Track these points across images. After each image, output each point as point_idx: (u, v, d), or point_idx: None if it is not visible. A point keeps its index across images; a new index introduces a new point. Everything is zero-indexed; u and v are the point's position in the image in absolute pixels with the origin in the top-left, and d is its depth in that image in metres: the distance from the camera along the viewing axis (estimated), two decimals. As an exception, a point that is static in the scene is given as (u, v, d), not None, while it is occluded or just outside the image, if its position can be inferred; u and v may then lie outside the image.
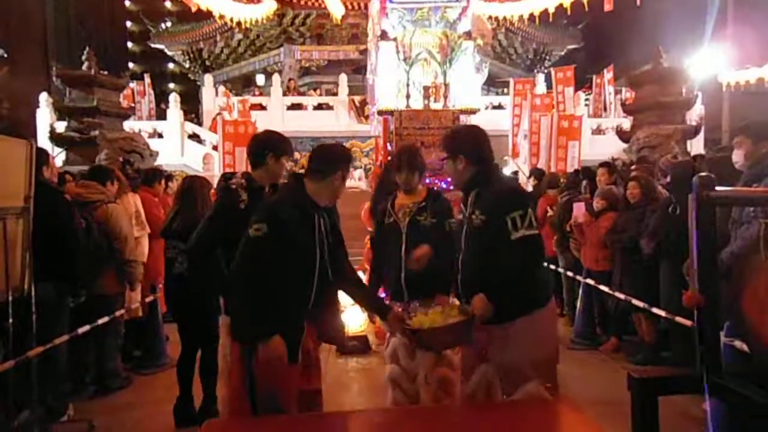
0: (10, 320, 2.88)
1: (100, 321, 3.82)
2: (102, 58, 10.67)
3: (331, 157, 2.31)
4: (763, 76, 12.73)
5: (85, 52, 10.09)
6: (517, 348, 2.14)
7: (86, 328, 3.66)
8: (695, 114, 12.26)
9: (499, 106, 15.28)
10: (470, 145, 2.35)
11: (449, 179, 5.40)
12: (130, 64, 29.18)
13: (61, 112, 10.63)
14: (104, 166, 4.99)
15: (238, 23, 11.07)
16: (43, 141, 10.12)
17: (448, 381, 2.67)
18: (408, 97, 6.24)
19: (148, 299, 4.61)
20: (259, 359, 2.06)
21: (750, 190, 2.58)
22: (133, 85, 16.54)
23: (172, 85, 27.99)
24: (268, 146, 2.60)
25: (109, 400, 3.99)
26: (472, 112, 6.55)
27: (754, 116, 3.28)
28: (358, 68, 17.90)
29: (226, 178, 2.71)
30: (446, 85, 6.27)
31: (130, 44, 31.00)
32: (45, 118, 13.62)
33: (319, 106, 16.14)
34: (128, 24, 30.40)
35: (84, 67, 9.99)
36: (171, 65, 28.57)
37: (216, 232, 2.53)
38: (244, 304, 2.14)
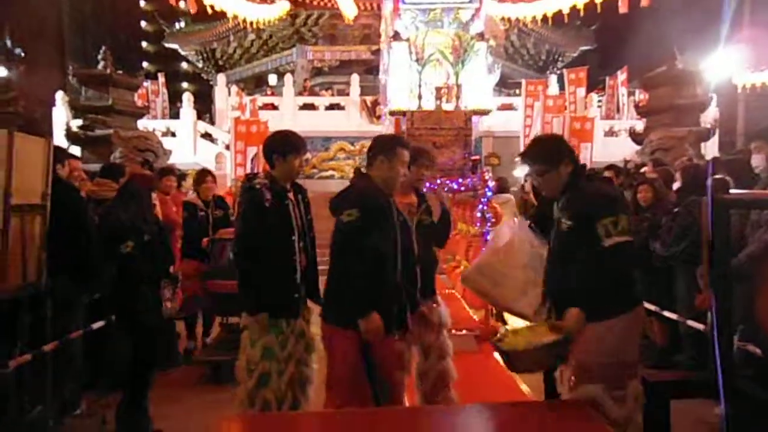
0: (27, 315, 2.93)
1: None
2: (117, 58, 10.76)
3: (375, 144, 2.59)
4: (779, 79, 12.56)
5: (101, 51, 10.20)
6: (592, 349, 2.04)
7: (100, 323, 3.69)
8: (710, 116, 12.13)
9: (511, 107, 15.22)
10: (567, 150, 2.30)
11: (460, 180, 5.40)
12: (145, 64, 29.45)
13: (76, 110, 10.75)
14: (117, 164, 5.05)
15: (251, 23, 11.14)
16: (60, 139, 10.25)
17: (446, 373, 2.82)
18: (420, 97, 6.24)
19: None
20: (363, 333, 2.26)
21: (765, 193, 2.56)
22: (147, 84, 16.68)
23: (185, 85, 28.19)
24: (271, 148, 2.75)
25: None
26: (484, 113, 6.56)
27: (768, 119, 3.22)
28: (369, 68, 17.93)
29: (249, 178, 2.82)
30: (458, 86, 6.27)
31: (144, 44, 31.28)
32: (61, 116, 13.79)
33: (331, 107, 16.17)
34: (143, 24, 30.69)
35: (100, 66, 10.09)
36: (184, 65, 28.77)
37: (254, 230, 2.64)
38: (340, 286, 2.39)
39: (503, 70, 19.37)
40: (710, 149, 11.40)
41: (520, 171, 11.17)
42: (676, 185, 4.15)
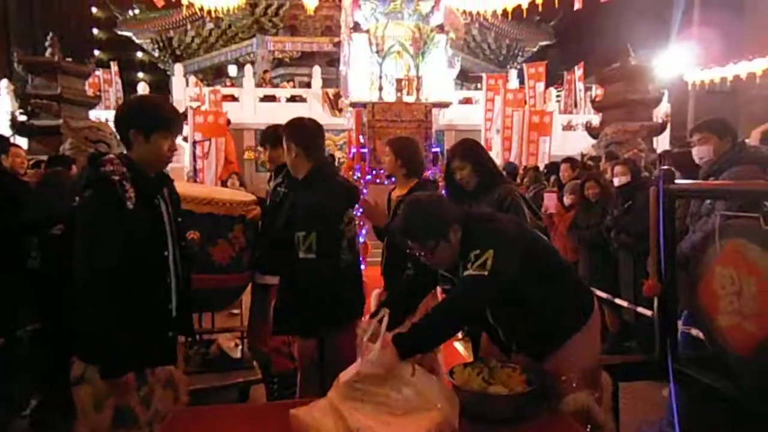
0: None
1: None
2: (66, 45, 10.32)
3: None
4: (726, 76, 13.11)
5: (48, 37, 9.77)
6: (570, 362, 1.89)
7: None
8: (662, 111, 12.59)
9: (472, 101, 15.39)
10: (450, 210, 1.94)
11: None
12: (96, 52, 28.32)
13: (22, 99, 10.29)
14: (65, 155, 4.85)
15: (209, 12, 10.86)
16: (4, 129, 9.77)
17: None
18: (381, 89, 6.24)
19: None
20: None
21: (709, 183, 2.67)
22: (99, 73, 16.09)
23: (140, 75, 27.31)
24: (127, 121, 1.93)
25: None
26: (445, 105, 6.61)
27: (718, 114, 3.34)
28: (332, 61, 17.78)
29: (95, 162, 1.90)
30: (419, 78, 6.30)
31: (95, 31, 30.08)
32: (5, 105, 13.15)
33: (293, 99, 15.97)
34: (94, 10, 29.49)
35: (47, 53, 9.67)
36: (140, 54, 27.85)
37: (111, 246, 1.87)
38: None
39: (464, 63, 19.56)
40: (662, 143, 11.84)
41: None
42: (617, 180, 4.28)
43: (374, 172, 6.87)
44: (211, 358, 3.79)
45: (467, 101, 15.36)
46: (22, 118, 9.78)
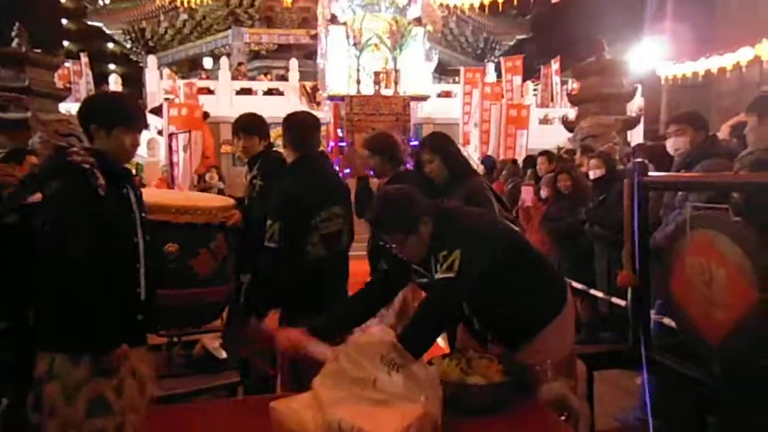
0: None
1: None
2: (34, 35, 10.02)
3: None
4: (698, 70, 13.36)
5: (15, 27, 9.47)
6: (544, 352, 1.90)
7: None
8: (635, 105, 12.79)
9: (450, 95, 15.43)
10: (420, 202, 1.91)
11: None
12: (65, 43, 27.52)
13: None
14: (21, 149, 4.70)
15: (183, 2, 10.65)
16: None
17: None
18: (359, 82, 6.22)
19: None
20: None
21: (681, 175, 2.72)
22: (68, 64, 15.67)
23: (112, 66, 26.62)
24: (89, 115, 1.93)
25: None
26: (423, 98, 6.61)
27: (690, 108, 3.41)
28: (309, 53, 17.62)
29: (62, 152, 1.95)
30: (396, 71, 6.29)
31: (64, 21, 29.23)
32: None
33: (270, 92, 15.78)
34: (62, -1, 28.66)
35: (14, 44, 9.38)
36: (111, 45, 27.15)
37: (84, 232, 1.90)
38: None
39: (442, 57, 19.58)
40: (636, 137, 12.04)
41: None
42: (592, 173, 4.34)
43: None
44: (194, 359, 3.67)
45: (445, 95, 15.39)
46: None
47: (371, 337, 1.72)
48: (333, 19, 6.58)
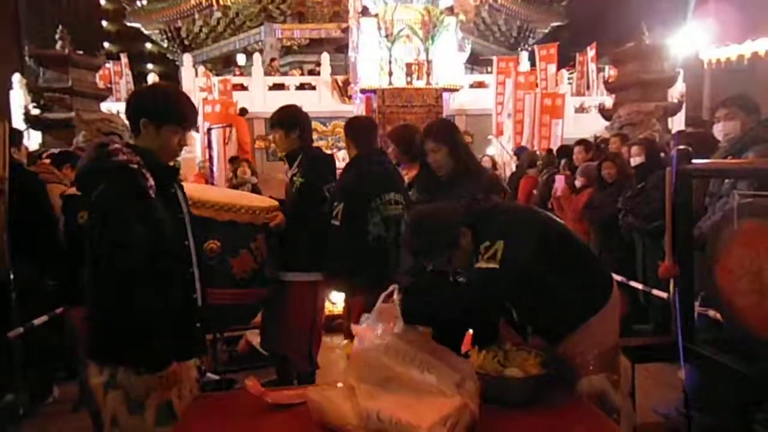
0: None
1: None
2: (76, 38, 10.35)
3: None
4: (743, 53, 12.80)
5: (58, 30, 9.81)
6: (586, 345, 1.86)
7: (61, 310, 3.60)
8: (677, 91, 12.34)
9: (483, 85, 15.22)
10: (455, 217, 1.88)
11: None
12: (106, 44, 28.36)
13: (34, 92, 10.36)
14: (69, 152, 4.85)
15: (217, 0, 10.82)
16: (18, 123, 9.88)
17: None
18: (390, 74, 6.19)
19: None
20: None
21: (727, 162, 2.62)
22: (109, 65, 16.14)
23: (150, 66, 27.32)
24: (140, 109, 1.85)
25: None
26: (456, 89, 6.54)
27: (735, 93, 3.24)
28: (340, 47, 17.64)
29: (103, 150, 1.78)
30: (429, 62, 6.24)
31: (104, 23, 30.13)
32: (19, 99, 13.26)
33: (302, 86, 15.89)
34: (102, 2, 29.51)
35: (57, 46, 9.72)
36: (149, 45, 27.85)
37: (136, 235, 1.82)
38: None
39: (474, 47, 19.32)
40: (677, 123, 11.63)
41: (493, 149, 11.24)
42: (633, 161, 4.23)
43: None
44: (239, 355, 3.67)
45: (478, 85, 15.18)
46: (36, 111, 9.86)
47: (407, 334, 1.69)
48: (364, 12, 6.57)
